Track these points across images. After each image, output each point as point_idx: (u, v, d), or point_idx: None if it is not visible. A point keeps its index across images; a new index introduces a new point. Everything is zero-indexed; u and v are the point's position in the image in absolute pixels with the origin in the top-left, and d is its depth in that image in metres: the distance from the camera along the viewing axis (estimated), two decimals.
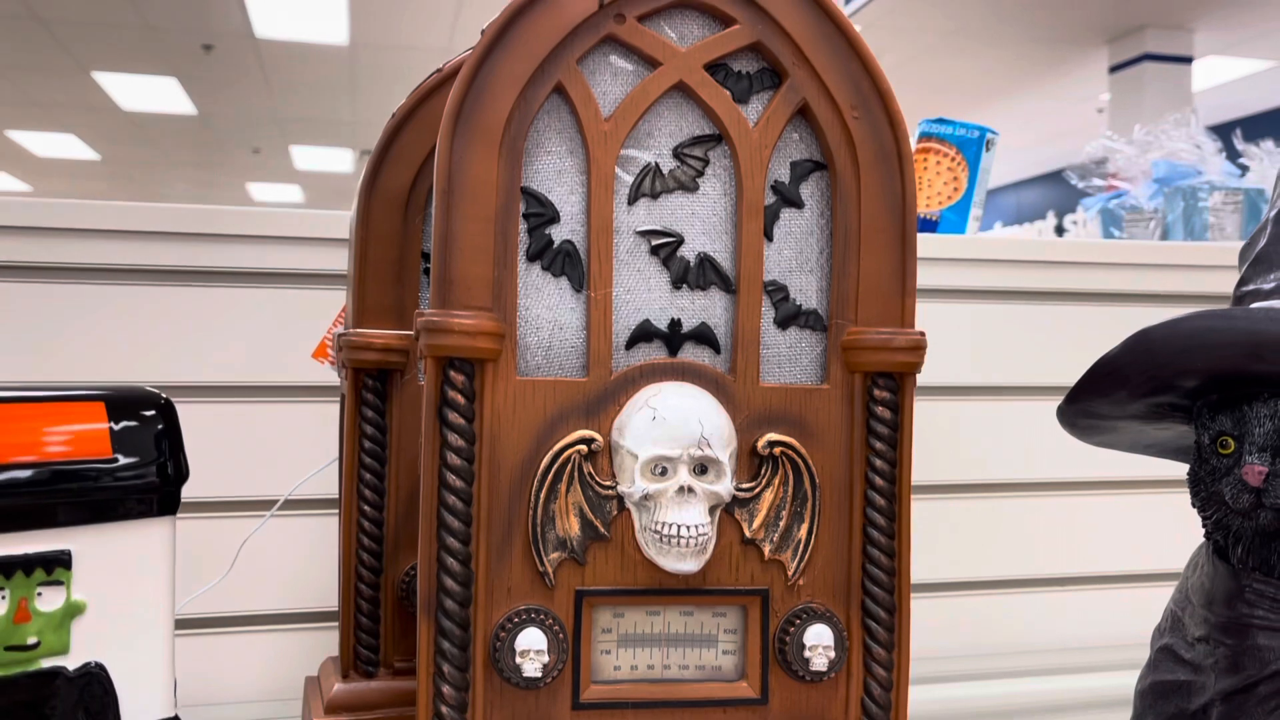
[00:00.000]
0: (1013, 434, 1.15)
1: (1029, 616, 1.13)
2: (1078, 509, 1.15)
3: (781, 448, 0.60)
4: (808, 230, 0.63)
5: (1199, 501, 0.59)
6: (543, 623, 0.57)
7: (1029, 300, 1.17)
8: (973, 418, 1.14)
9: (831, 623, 0.60)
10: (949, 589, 1.11)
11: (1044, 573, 1.14)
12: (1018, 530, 1.14)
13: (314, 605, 0.93)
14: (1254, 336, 0.53)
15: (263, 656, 0.91)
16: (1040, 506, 1.15)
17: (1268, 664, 0.55)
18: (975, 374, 1.15)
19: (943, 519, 1.12)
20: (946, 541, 1.12)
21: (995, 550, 1.14)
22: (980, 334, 1.15)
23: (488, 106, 0.57)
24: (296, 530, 0.92)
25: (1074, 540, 1.15)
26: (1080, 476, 1.15)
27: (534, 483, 0.58)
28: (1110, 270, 1.19)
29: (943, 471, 1.12)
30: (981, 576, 1.13)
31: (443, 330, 0.56)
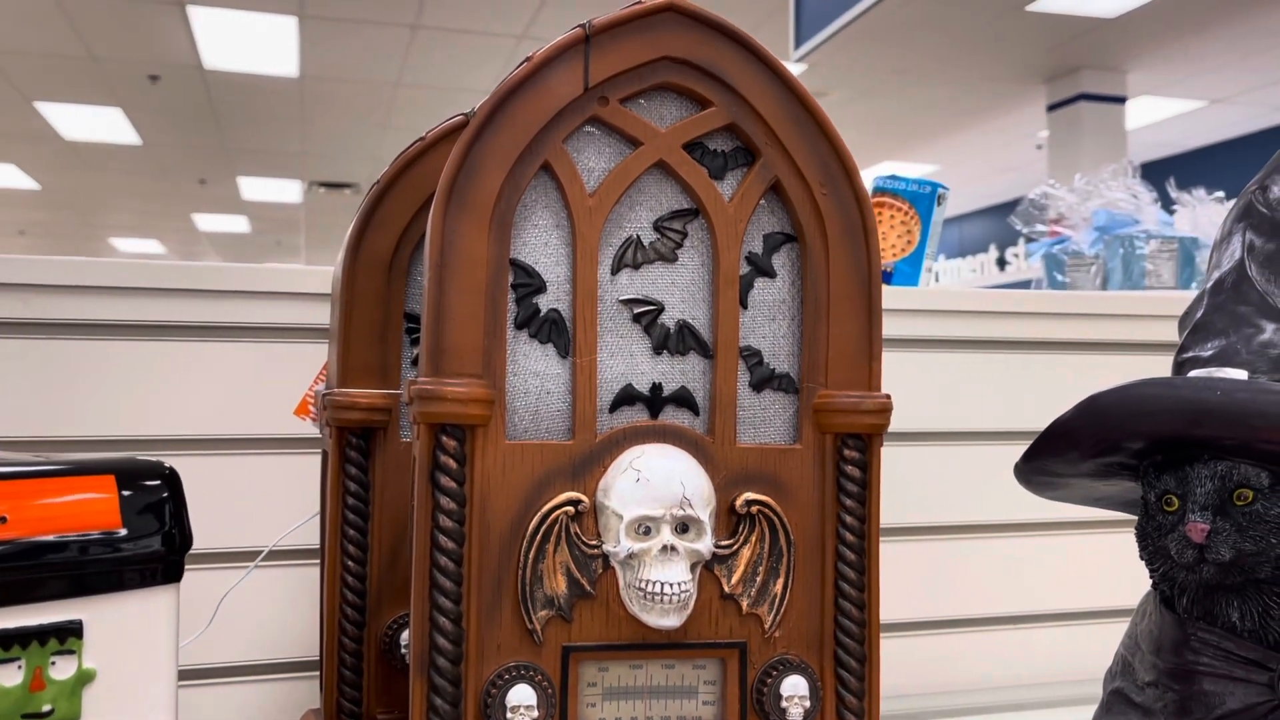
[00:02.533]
0: (963, 477, 1.19)
1: (982, 654, 1.17)
2: (1028, 549, 1.20)
3: (758, 506, 0.63)
4: (780, 299, 0.66)
5: (1146, 555, 0.63)
6: (532, 679, 0.59)
7: (980, 349, 1.22)
8: (924, 462, 1.18)
9: (806, 673, 0.63)
10: (902, 629, 1.15)
11: (995, 611, 1.18)
12: (970, 570, 1.18)
13: (293, 655, 0.94)
14: (1194, 405, 0.58)
15: (241, 707, 0.92)
16: (992, 547, 1.19)
17: (1214, 708, 0.59)
18: (928, 420, 1.19)
19: (896, 561, 1.16)
20: (899, 582, 1.15)
21: (946, 590, 1.17)
22: (933, 382, 1.20)
23: (479, 184, 0.60)
24: (276, 581, 0.93)
25: (1025, 579, 1.19)
26: (1030, 518, 1.20)
27: (523, 543, 0.60)
28: (1056, 320, 1.25)
29: (896, 514, 1.16)
30: (933, 616, 1.17)
31: (435, 398, 0.59)
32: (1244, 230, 0.65)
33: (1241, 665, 0.58)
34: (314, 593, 0.95)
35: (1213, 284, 0.65)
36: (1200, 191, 1.83)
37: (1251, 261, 0.64)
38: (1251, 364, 0.61)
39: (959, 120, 8.05)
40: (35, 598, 0.46)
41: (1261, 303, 0.63)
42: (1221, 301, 0.64)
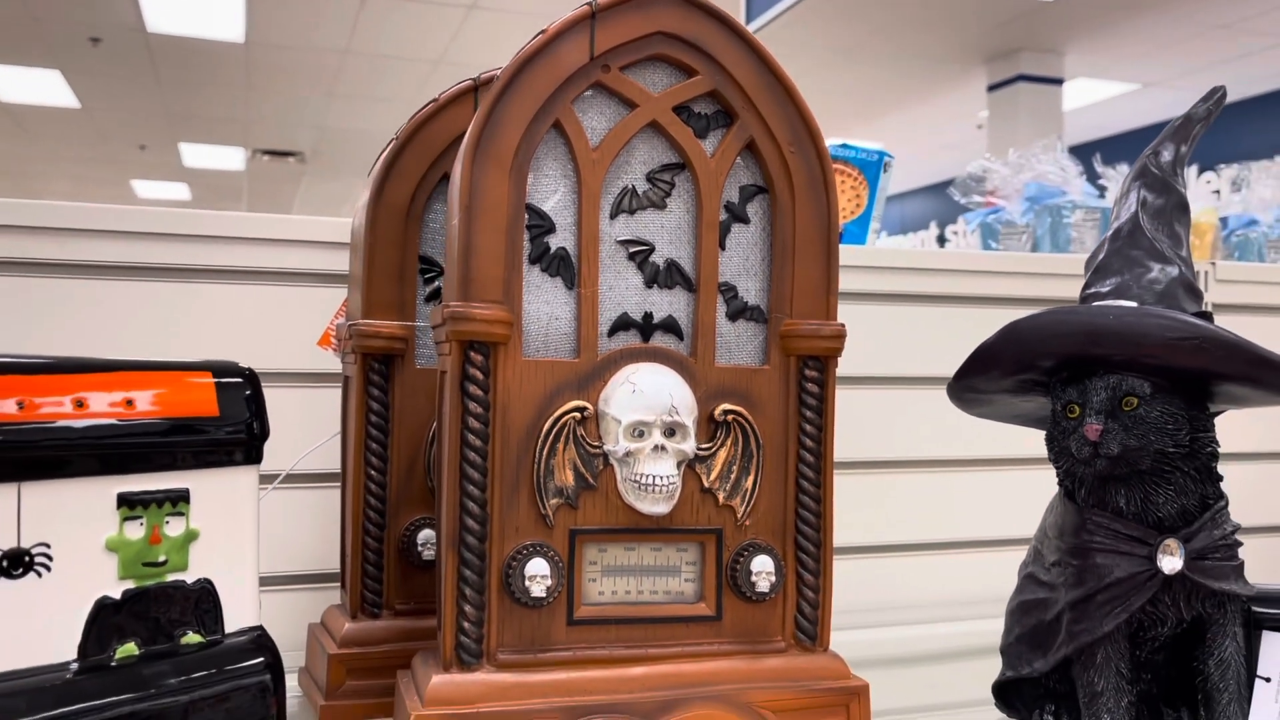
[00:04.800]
0: (904, 419, 1.32)
1: (921, 575, 1.30)
2: (959, 483, 1.33)
3: (733, 415, 0.75)
4: (753, 242, 0.78)
5: (1053, 455, 0.76)
6: (546, 554, 0.71)
7: (920, 303, 1.35)
8: (870, 404, 1.31)
9: (772, 554, 0.75)
10: (851, 552, 1.28)
11: (928, 538, 1.32)
12: (910, 501, 1.32)
13: (310, 569, 1.05)
14: (1093, 327, 0.71)
15: None
16: (927, 481, 1.33)
17: (1104, 577, 0.72)
18: (874, 367, 1.32)
19: (847, 492, 1.29)
20: (853, 511, 1.28)
21: (888, 518, 1.31)
22: (878, 332, 1.33)
23: (500, 138, 0.71)
24: (293, 503, 1.03)
25: (955, 510, 1.33)
26: (962, 455, 1.33)
27: (537, 443, 0.71)
28: (989, 278, 1.38)
29: (844, 451, 1.28)
30: (875, 542, 1.30)
31: (466, 318, 0.69)
32: (1139, 188, 0.78)
33: (1127, 542, 0.72)
34: (327, 513, 1.04)
35: (1112, 232, 0.78)
36: (1125, 168, 1.98)
37: (1144, 214, 0.77)
38: (1140, 297, 0.74)
39: (902, 99, 8.23)
40: (154, 467, 0.55)
41: (1151, 248, 0.76)
42: (1119, 247, 0.77)
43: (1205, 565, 0.71)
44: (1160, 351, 0.68)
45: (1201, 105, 0.81)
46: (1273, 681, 0.74)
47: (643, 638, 0.73)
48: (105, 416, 0.55)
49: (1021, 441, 0.90)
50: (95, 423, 0.54)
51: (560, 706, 0.69)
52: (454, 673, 0.69)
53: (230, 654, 0.58)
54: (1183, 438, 0.70)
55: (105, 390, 0.55)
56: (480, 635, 0.70)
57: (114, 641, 0.55)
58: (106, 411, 0.55)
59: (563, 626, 0.72)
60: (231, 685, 0.57)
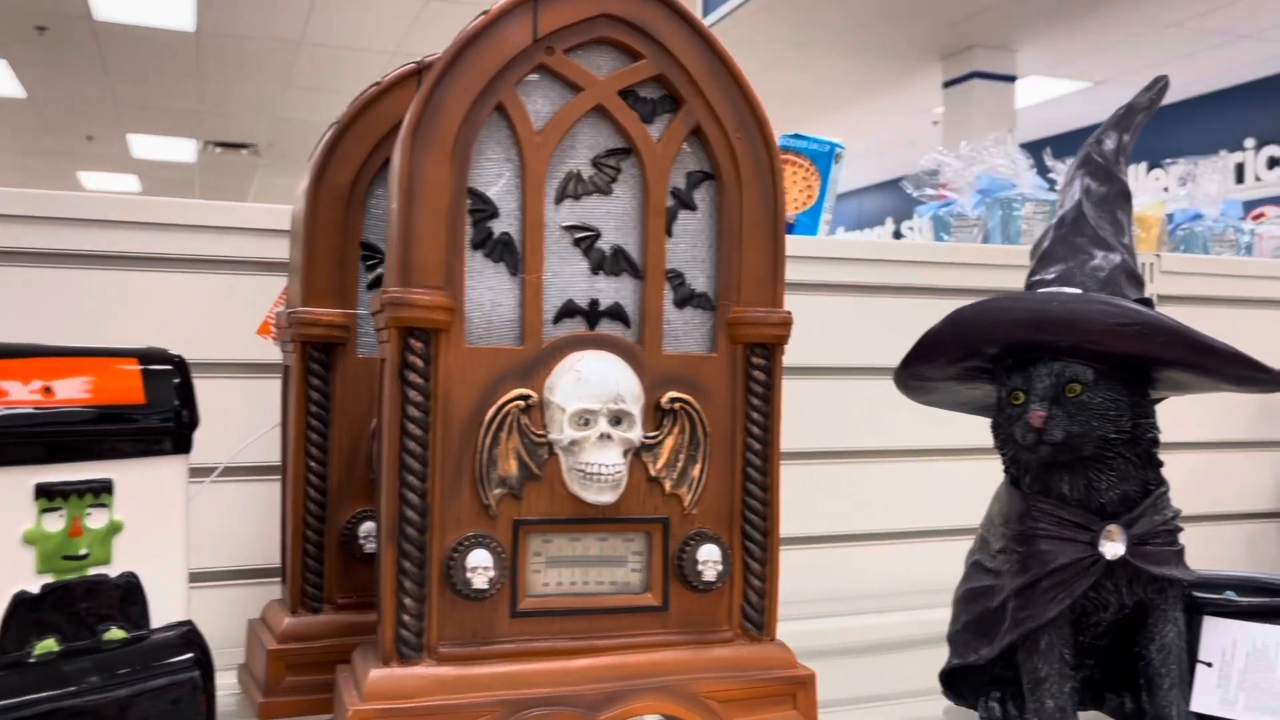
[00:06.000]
0: (854, 410, 1.32)
1: (870, 564, 1.31)
2: (912, 473, 1.34)
3: (680, 403, 0.74)
4: (700, 229, 0.77)
5: (998, 442, 0.76)
6: (488, 545, 0.69)
7: (871, 293, 1.35)
8: (820, 395, 1.31)
9: (719, 543, 0.75)
10: (805, 542, 1.28)
11: (879, 528, 1.32)
12: (860, 490, 1.32)
13: (250, 563, 1.02)
14: (1037, 314, 0.71)
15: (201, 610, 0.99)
16: (881, 471, 1.33)
17: (1048, 563, 0.72)
18: (825, 357, 1.32)
19: (797, 482, 1.29)
20: (800, 501, 1.28)
21: (840, 509, 1.31)
22: (829, 322, 1.33)
23: (441, 121, 0.69)
24: (233, 496, 1.01)
25: (907, 499, 1.34)
26: (913, 445, 1.34)
27: (480, 432, 0.70)
28: (940, 268, 1.39)
29: (795, 441, 1.28)
30: (826, 532, 1.30)
31: (405, 304, 0.68)
32: (1082, 176, 0.78)
33: (1070, 528, 0.72)
34: (268, 506, 1.02)
35: (1057, 220, 0.78)
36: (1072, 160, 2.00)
37: (1088, 202, 0.77)
38: (1084, 284, 0.74)
39: (858, 95, 8.27)
40: (75, 457, 0.54)
41: (1094, 235, 0.76)
42: (1063, 234, 0.77)
43: (1147, 550, 0.72)
44: (1103, 337, 0.68)
45: (1144, 95, 0.81)
46: (1214, 666, 0.74)
47: (588, 629, 0.72)
48: (22, 404, 0.52)
49: (971, 431, 0.91)
50: (11, 410, 0.52)
51: (503, 700, 0.68)
52: (394, 667, 0.68)
53: (156, 650, 0.56)
54: (1124, 424, 0.71)
55: (23, 378, 0.53)
56: (420, 628, 0.68)
57: (32, 638, 0.53)
58: (24, 399, 0.53)
59: (506, 619, 0.71)
60: (158, 682, 0.55)
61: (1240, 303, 1.51)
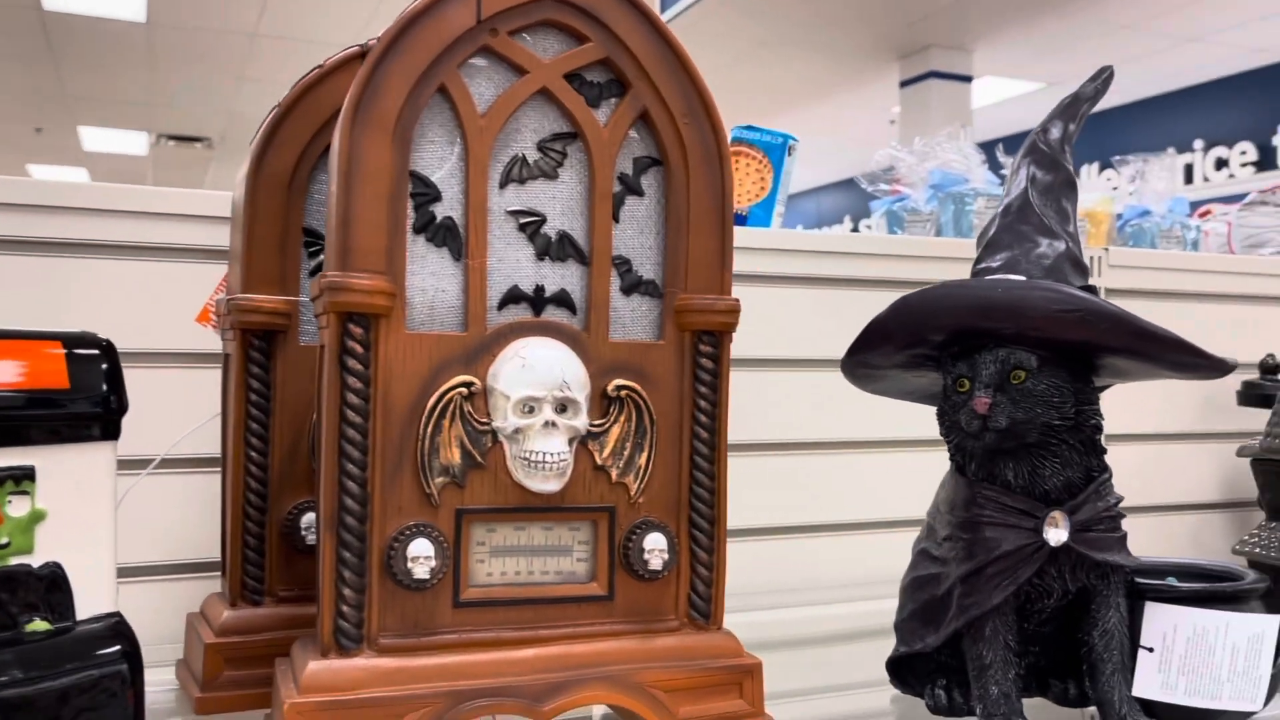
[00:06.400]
0: (807, 401, 1.32)
1: (817, 557, 1.31)
2: (863, 464, 1.34)
3: (626, 390, 0.74)
4: (647, 215, 0.76)
5: (944, 429, 0.76)
6: (430, 534, 0.68)
7: (825, 286, 1.35)
8: (772, 387, 1.31)
9: (665, 532, 0.74)
10: (755, 534, 1.28)
11: (829, 519, 1.32)
12: (814, 482, 1.32)
13: (191, 557, 1.00)
14: (982, 300, 0.71)
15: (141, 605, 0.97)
16: (833, 462, 1.33)
17: (993, 550, 0.72)
18: (777, 349, 1.32)
19: (749, 474, 1.29)
20: (752, 492, 1.28)
21: (792, 500, 1.31)
22: (783, 314, 1.33)
23: (382, 102, 0.68)
24: (173, 488, 0.99)
25: (858, 490, 1.34)
26: (864, 436, 1.34)
27: (422, 419, 0.69)
28: (892, 261, 1.39)
29: (748, 433, 1.28)
30: (778, 523, 1.30)
31: (343, 289, 0.66)
32: (1028, 164, 0.79)
33: (1015, 515, 0.72)
34: (209, 499, 1.00)
35: (1003, 208, 0.78)
36: None
37: (1033, 190, 0.77)
38: (1029, 271, 0.74)
39: (816, 94, 8.32)
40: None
41: (1039, 223, 0.76)
42: (1009, 222, 0.77)
43: (1089, 537, 0.72)
44: (1046, 324, 0.69)
45: (1089, 85, 0.82)
46: (1155, 651, 0.75)
47: (532, 619, 0.71)
48: None
49: (921, 422, 0.91)
50: None
51: (445, 691, 0.67)
52: (332, 658, 0.66)
53: (82, 642, 0.55)
54: (1068, 410, 0.71)
55: None
56: (360, 619, 0.67)
57: None
58: None
59: (448, 609, 0.69)
60: (83, 675, 0.54)
61: (1185, 296, 1.53)
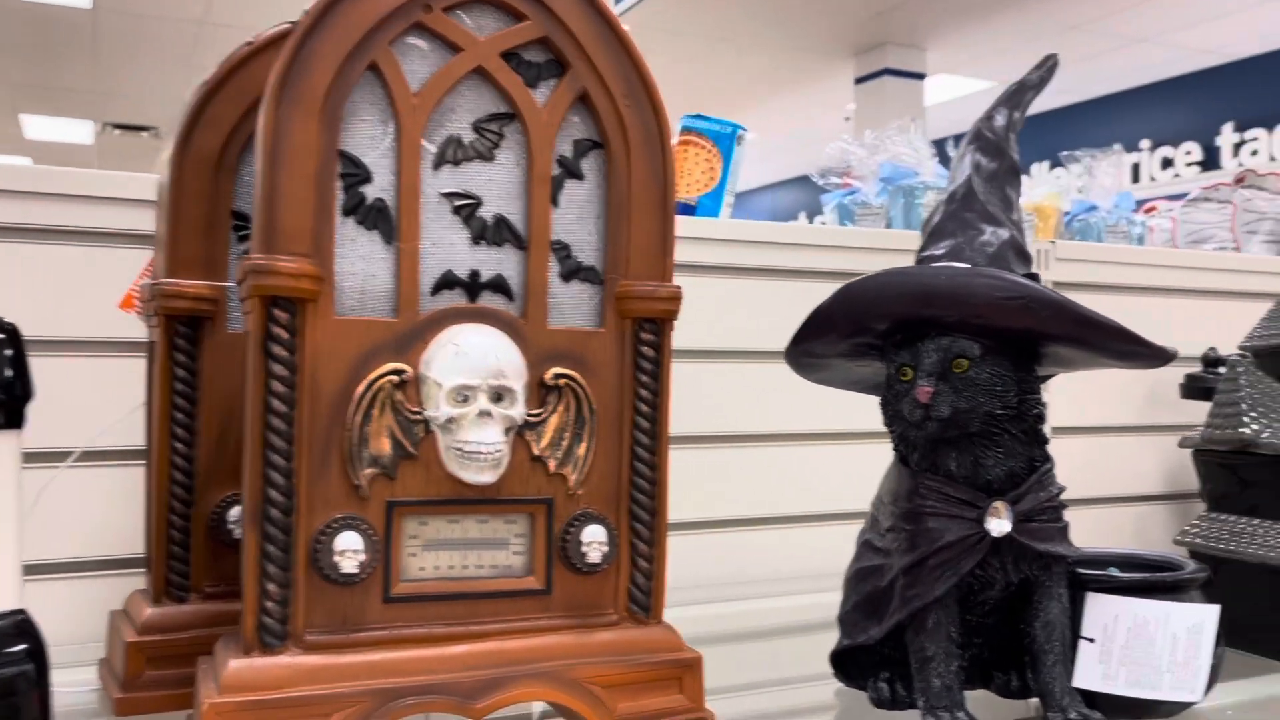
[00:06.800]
0: (756, 393, 1.31)
1: (765, 550, 1.30)
2: (810, 456, 1.33)
3: (565, 379, 0.72)
4: (587, 199, 0.74)
5: (887, 419, 0.75)
6: (358, 528, 0.66)
7: (774, 277, 1.34)
8: (722, 378, 1.30)
9: (604, 524, 0.72)
10: (698, 527, 1.26)
11: (775, 511, 1.32)
12: (760, 475, 1.31)
13: (116, 552, 0.96)
14: (924, 288, 0.70)
15: (61, 603, 0.93)
16: (780, 454, 1.32)
17: (935, 541, 0.72)
18: (724, 339, 1.30)
19: (692, 466, 1.27)
20: (695, 485, 1.27)
21: (736, 492, 1.30)
22: (732, 305, 1.31)
23: (309, 78, 0.65)
24: (98, 481, 0.95)
25: (804, 483, 1.33)
26: (811, 429, 1.33)
27: (350, 409, 0.66)
28: (842, 253, 1.38)
29: (692, 424, 1.27)
30: (726, 515, 1.29)
31: (268, 272, 0.64)
32: (973, 152, 0.78)
33: (957, 505, 0.71)
34: (135, 492, 0.97)
35: (947, 196, 0.77)
36: None
37: (977, 178, 0.77)
38: (973, 259, 0.74)
39: (772, 90, 8.33)
40: None
41: (983, 211, 0.75)
42: (953, 210, 0.76)
43: (1032, 527, 0.71)
44: (988, 311, 0.68)
45: (1034, 73, 0.81)
46: (1096, 642, 0.74)
47: (466, 614, 0.69)
48: None
49: (867, 413, 0.90)
50: None
51: (373, 689, 0.65)
52: (255, 656, 0.64)
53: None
54: (1011, 400, 0.70)
55: None
56: (285, 615, 0.64)
57: None
58: None
59: (378, 604, 0.67)
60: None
61: (1131, 290, 1.54)
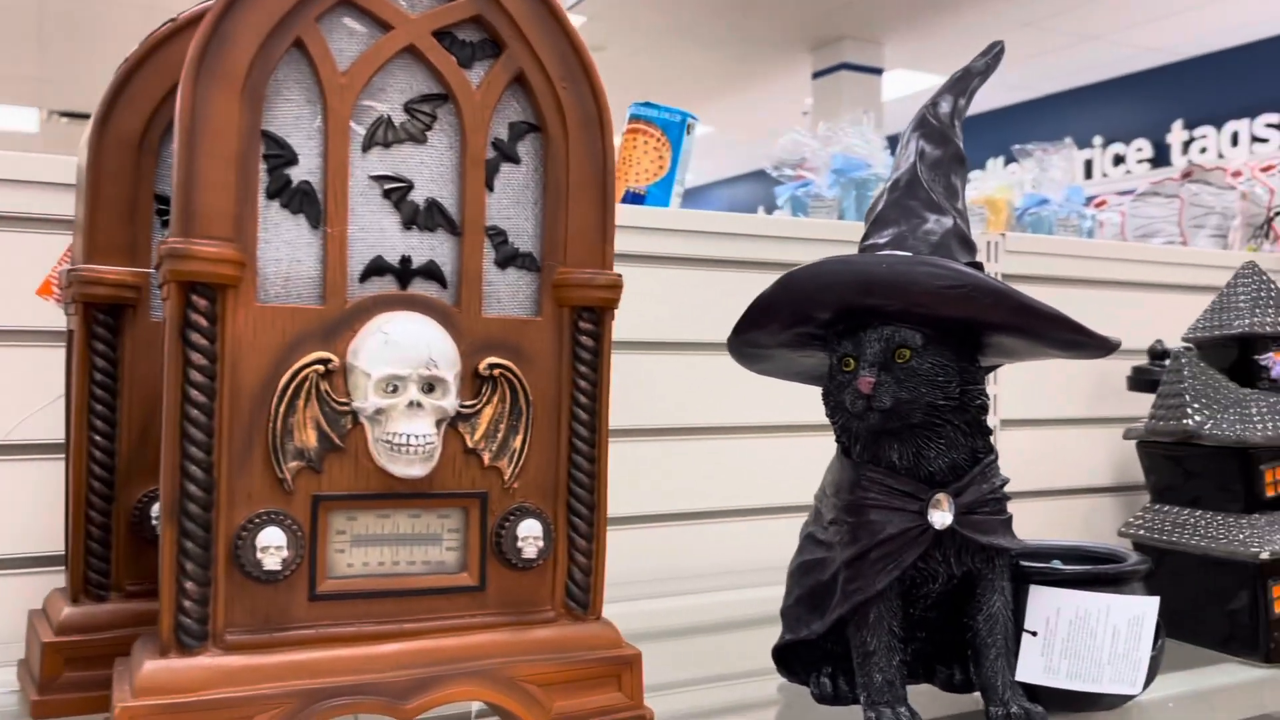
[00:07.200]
0: (702, 385, 1.30)
1: (712, 543, 1.29)
2: (754, 449, 1.32)
3: (500, 369, 0.70)
4: (524, 184, 0.72)
5: (829, 410, 0.74)
6: (282, 523, 0.63)
7: (725, 268, 1.32)
8: (670, 370, 1.28)
9: (540, 518, 0.70)
10: (641, 521, 1.25)
11: (728, 504, 1.30)
12: (702, 467, 1.30)
13: (33, 550, 0.93)
14: (865, 276, 0.69)
15: None
16: (720, 447, 1.31)
17: (877, 534, 0.70)
18: (674, 331, 1.29)
19: (639, 459, 1.26)
20: (642, 479, 1.25)
21: (685, 485, 1.28)
22: (683, 296, 1.30)
23: (230, 54, 0.63)
24: (16, 476, 0.91)
25: (749, 475, 1.32)
26: (755, 420, 1.32)
27: (274, 399, 0.64)
28: (794, 244, 1.37)
29: (639, 417, 1.25)
30: (670, 509, 1.28)
31: (186, 256, 0.61)
32: (917, 139, 0.77)
33: (899, 497, 0.70)
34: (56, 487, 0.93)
35: (891, 183, 0.76)
36: None
37: (922, 165, 0.75)
38: (916, 247, 0.72)
39: (730, 85, 8.33)
40: None
41: (927, 198, 0.74)
42: (897, 198, 0.75)
43: (974, 520, 0.70)
44: (930, 300, 0.67)
45: (981, 60, 0.80)
46: (1038, 635, 0.74)
47: (397, 612, 0.67)
48: None
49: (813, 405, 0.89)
50: None
51: (298, 690, 0.62)
52: (172, 657, 0.61)
53: None
54: (953, 390, 0.69)
55: None
56: (204, 615, 0.62)
57: None
58: None
59: (303, 602, 0.65)
60: None
61: (1080, 282, 1.54)
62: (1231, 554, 0.94)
